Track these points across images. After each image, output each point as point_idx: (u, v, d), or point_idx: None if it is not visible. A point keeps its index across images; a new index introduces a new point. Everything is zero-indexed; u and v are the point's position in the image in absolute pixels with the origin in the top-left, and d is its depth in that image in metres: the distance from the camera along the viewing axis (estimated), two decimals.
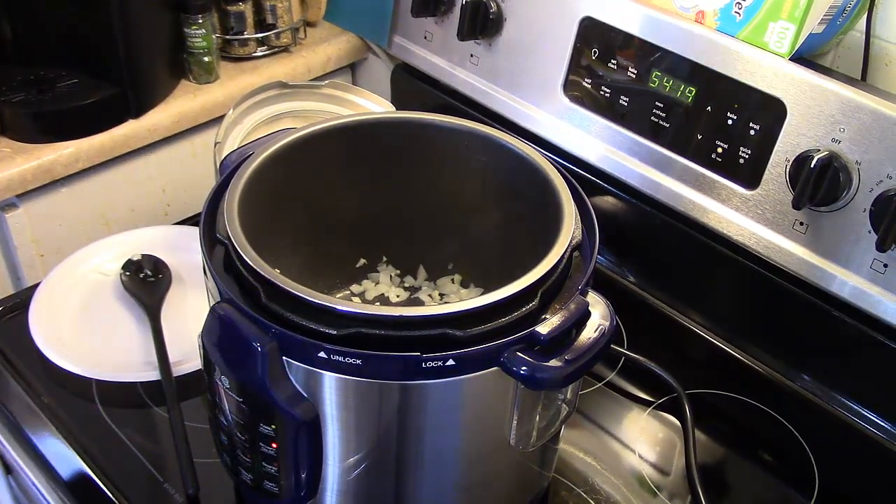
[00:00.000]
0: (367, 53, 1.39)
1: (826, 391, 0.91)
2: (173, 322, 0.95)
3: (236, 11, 1.25)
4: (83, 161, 1.14)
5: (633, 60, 0.96)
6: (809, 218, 0.85)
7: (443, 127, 0.82)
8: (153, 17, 1.17)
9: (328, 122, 0.81)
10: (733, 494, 0.88)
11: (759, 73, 0.86)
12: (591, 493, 0.84)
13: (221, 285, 0.65)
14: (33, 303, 0.96)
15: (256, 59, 1.30)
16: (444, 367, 0.61)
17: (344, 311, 0.61)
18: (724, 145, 0.90)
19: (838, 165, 0.81)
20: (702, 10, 0.91)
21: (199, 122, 1.23)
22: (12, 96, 1.12)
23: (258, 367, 0.62)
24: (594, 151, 1.02)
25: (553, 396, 0.70)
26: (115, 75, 1.14)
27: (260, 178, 0.74)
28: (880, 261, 0.82)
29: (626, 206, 1.02)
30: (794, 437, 0.91)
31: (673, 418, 0.93)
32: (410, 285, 0.90)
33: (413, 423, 0.66)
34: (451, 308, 0.62)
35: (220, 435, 0.73)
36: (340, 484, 0.70)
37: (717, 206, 0.92)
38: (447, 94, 1.18)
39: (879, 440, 0.87)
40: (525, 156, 0.77)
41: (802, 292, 0.89)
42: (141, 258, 1.02)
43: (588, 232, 0.72)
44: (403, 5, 1.18)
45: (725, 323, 0.99)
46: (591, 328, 0.64)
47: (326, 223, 0.84)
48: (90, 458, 0.84)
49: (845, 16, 0.88)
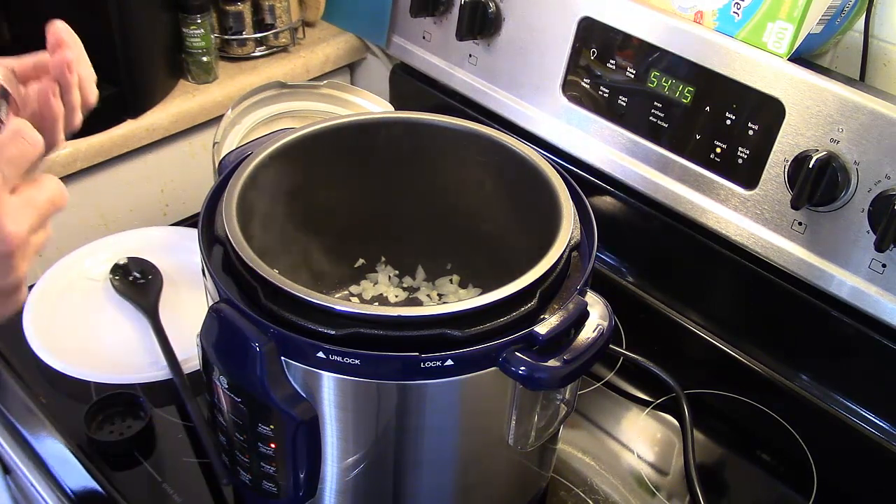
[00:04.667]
0: (366, 53, 1.39)
1: (824, 391, 0.91)
2: (168, 324, 0.95)
3: (235, 11, 1.25)
4: (81, 161, 1.14)
5: (632, 60, 0.96)
6: (808, 218, 0.86)
7: (441, 127, 0.82)
8: (151, 17, 1.17)
9: (327, 122, 0.81)
10: (732, 494, 0.88)
11: (757, 73, 0.86)
12: (589, 493, 0.84)
13: (220, 285, 0.65)
14: (28, 304, 0.96)
15: (255, 59, 1.30)
16: (443, 368, 0.61)
17: (342, 311, 0.61)
18: (722, 145, 0.90)
19: (837, 165, 0.81)
20: (700, 11, 0.91)
21: (197, 123, 1.23)
22: None
23: (257, 368, 0.62)
24: (593, 151, 1.02)
25: (551, 396, 0.70)
26: (113, 75, 1.14)
27: (258, 179, 0.74)
28: (879, 261, 0.82)
29: (625, 207, 1.03)
30: (792, 436, 0.91)
31: (671, 418, 0.93)
32: (409, 285, 0.90)
33: (411, 423, 0.66)
34: (450, 308, 0.62)
35: (218, 435, 0.73)
36: (339, 484, 0.70)
37: (715, 206, 0.92)
38: (446, 95, 1.18)
39: (878, 440, 0.87)
40: (524, 156, 0.77)
41: (801, 292, 0.89)
42: (127, 261, 1.02)
43: (587, 232, 0.72)
44: (402, 5, 1.18)
45: (724, 323, 0.99)
46: (590, 328, 0.64)
47: (325, 223, 0.84)
48: (88, 459, 0.84)
49: (844, 16, 0.88)
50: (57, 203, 0.60)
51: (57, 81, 0.63)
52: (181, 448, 0.86)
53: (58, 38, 0.65)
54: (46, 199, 0.58)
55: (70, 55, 0.64)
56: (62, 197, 0.60)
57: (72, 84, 0.64)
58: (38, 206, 0.58)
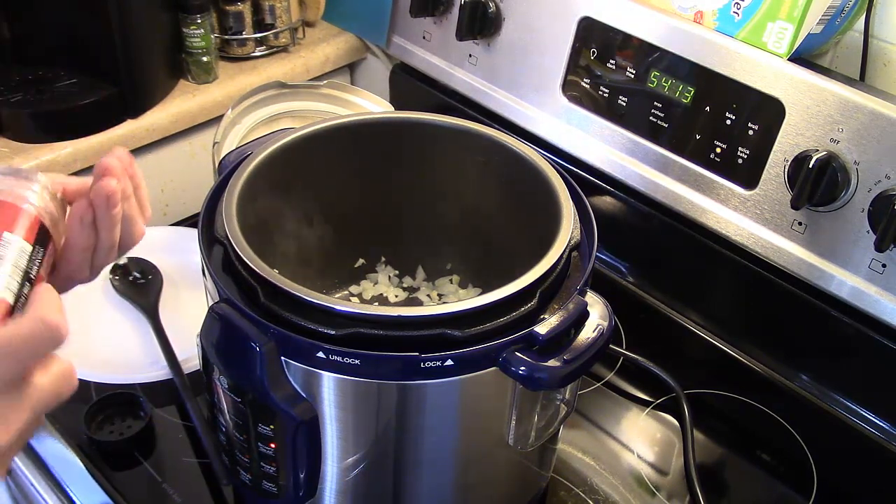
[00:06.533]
0: (366, 53, 1.39)
1: (824, 391, 0.91)
2: (168, 324, 0.95)
3: (235, 11, 1.25)
4: (81, 161, 1.14)
5: (632, 60, 0.96)
6: (808, 218, 0.86)
7: (441, 127, 0.82)
8: (152, 17, 1.17)
9: (327, 122, 0.81)
10: (732, 494, 0.88)
11: (757, 73, 0.86)
12: (589, 493, 0.84)
13: (220, 285, 0.65)
14: None
15: (255, 59, 1.30)
16: (443, 368, 0.61)
17: (342, 311, 0.61)
18: (722, 145, 0.90)
19: (837, 165, 0.81)
20: (700, 11, 0.91)
21: (197, 122, 1.23)
22: (11, 96, 1.12)
23: (257, 368, 0.62)
24: (593, 151, 1.02)
25: (552, 396, 0.70)
26: (113, 75, 1.14)
27: (258, 179, 0.74)
28: (878, 261, 0.82)
29: (625, 207, 1.03)
30: (792, 436, 0.91)
31: (671, 418, 0.93)
32: (409, 285, 0.90)
33: (411, 423, 0.66)
34: (450, 308, 0.62)
35: (218, 435, 0.73)
36: (339, 484, 0.70)
37: (715, 206, 0.92)
38: (446, 94, 1.18)
39: (877, 440, 0.87)
40: (524, 156, 0.77)
41: (801, 292, 0.89)
42: (127, 261, 1.02)
43: (587, 232, 0.72)
44: (402, 5, 1.18)
45: (724, 323, 0.99)
46: (590, 328, 0.64)
47: (325, 223, 0.84)
48: (88, 459, 0.84)
49: (844, 16, 0.88)
50: (62, 394, 0.50)
51: (91, 208, 0.56)
52: (181, 448, 0.86)
53: (104, 167, 0.57)
54: (51, 391, 0.49)
55: (113, 185, 0.56)
56: (71, 384, 0.50)
57: (111, 217, 0.57)
58: (36, 402, 0.48)
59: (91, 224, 0.58)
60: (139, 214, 0.62)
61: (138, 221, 0.61)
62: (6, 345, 0.47)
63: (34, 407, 0.49)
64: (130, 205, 0.61)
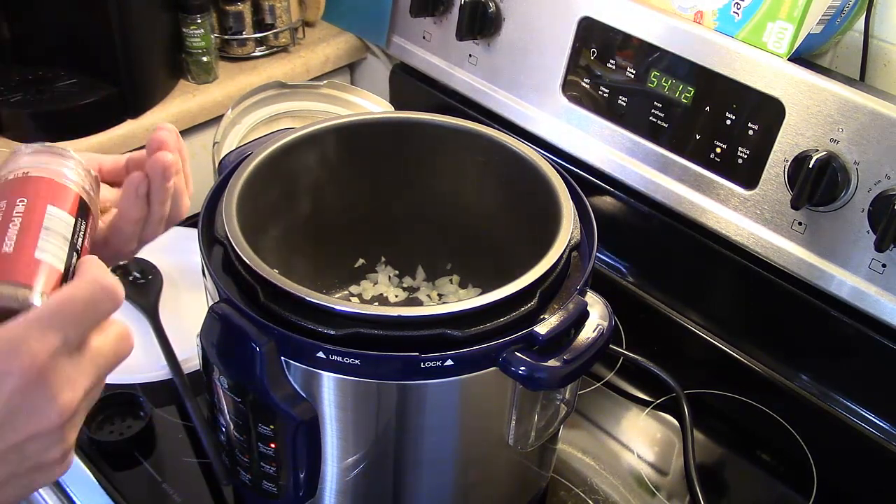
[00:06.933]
0: (366, 53, 1.39)
1: (824, 391, 0.91)
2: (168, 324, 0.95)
3: (235, 11, 1.25)
4: None
5: (632, 60, 0.96)
6: (808, 218, 0.86)
7: (441, 127, 0.82)
8: (151, 17, 1.17)
9: (327, 122, 0.81)
10: (732, 494, 0.88)
11: (757, 73, 0.86)
12: (589, 493, 0.84)
13: (220, 285, 0.65)
14: None
15: (255, 59, 1.30)
16: (443, 368, 0.61)
17: (343, 311, 0.61)
18: (722, 145, 0.90)
19: (837, 165, 0.81)
20: (700, 11, 0.91)
21: (197, 122, 1.23)
22: (11, 96, 1.12)
23: (257, 368, 0.62)
24: (593, 151, 1.02)
25: (552, 396, 0.70)
26: (113, 75, 1.14)
27: (258, 179, 0.74)
28: (878, 261, 0.82)
29: (625, 207, 1.03)
30: (792, 436, 0.91)
31: (671, 418, 0.93)
32: (409, 285, 0.90)
33: (411, 423, 0.66)
34: (450, 308, 0.62)
35: (218, 435, 0.73)
36: (339, 484, 0.70)
37: (715, 206, 0.92)
38: (446, 94, 1.18)
39: (877, 440, 0.87)
40: (524, 156, 0.77)
41: (801, 292, 0.89)
42: (127, 261, 1.02)
43: (587, 232, 0.72)
44: (402, 5, 1.18)
45: (724, 323, 0.99)
46: (590, 328, 0.64)
47: (325, 223, 0.84)
48: (88, 459, 0.84)
49: (844, 16, 0.88)
50: (121, 354, 0.51)
51: (147, 180, 0.57)
52: (181, 448, 0.86)
53: (159, 140, 0.59)
54: (111, 352, 0.50)
55: (169, 158, 0.58)
56: (128, 345, 0.51)
57: (165, 190, 0.57)
58: (99, 364, 0.49)
59: (145, 196, 0.59)
60: (185, 189, 0.63)
61: (185, 195, 0.63)
62: (69, 308, 0.48)
63: (98, 369, 0.50)
64: (179, 178, 0.62)
